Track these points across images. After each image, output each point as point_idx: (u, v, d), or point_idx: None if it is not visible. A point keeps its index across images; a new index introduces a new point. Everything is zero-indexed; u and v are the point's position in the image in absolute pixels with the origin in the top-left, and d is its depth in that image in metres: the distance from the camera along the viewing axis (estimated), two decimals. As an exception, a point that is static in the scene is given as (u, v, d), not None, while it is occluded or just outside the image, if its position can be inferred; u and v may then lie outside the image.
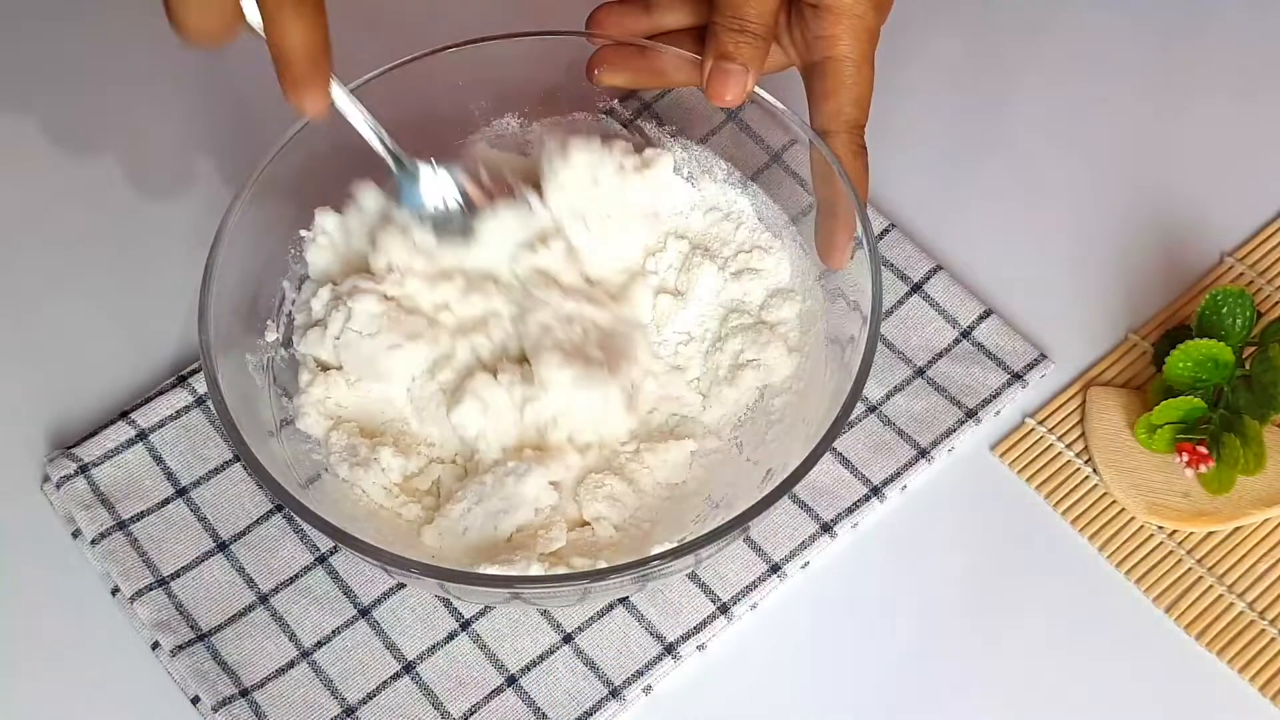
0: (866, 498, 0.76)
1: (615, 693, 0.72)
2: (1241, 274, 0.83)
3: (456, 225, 0.74)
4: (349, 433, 0.73)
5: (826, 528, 0.75)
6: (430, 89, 0.77)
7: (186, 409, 0.78)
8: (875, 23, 0.72)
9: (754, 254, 0.78)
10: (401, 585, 0.74)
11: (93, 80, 0.91)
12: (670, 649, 0.73)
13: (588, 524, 0.72)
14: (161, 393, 0.79)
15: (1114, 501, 0.77)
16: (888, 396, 0.79)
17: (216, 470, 0.77)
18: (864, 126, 0.73)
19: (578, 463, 0.73)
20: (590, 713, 0.71)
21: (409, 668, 0.72)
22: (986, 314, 0.81)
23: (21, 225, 0.87)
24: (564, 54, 0.79)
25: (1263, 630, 0.73)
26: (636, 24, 0.78)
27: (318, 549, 0.75)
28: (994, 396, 0.79)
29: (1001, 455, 0.78)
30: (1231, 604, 0.74)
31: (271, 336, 0.75)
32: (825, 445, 0.67)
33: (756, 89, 0.76)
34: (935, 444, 0.78)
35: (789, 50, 0.75)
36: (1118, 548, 0.75)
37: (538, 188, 0.76)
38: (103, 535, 0.75)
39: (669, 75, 0.77)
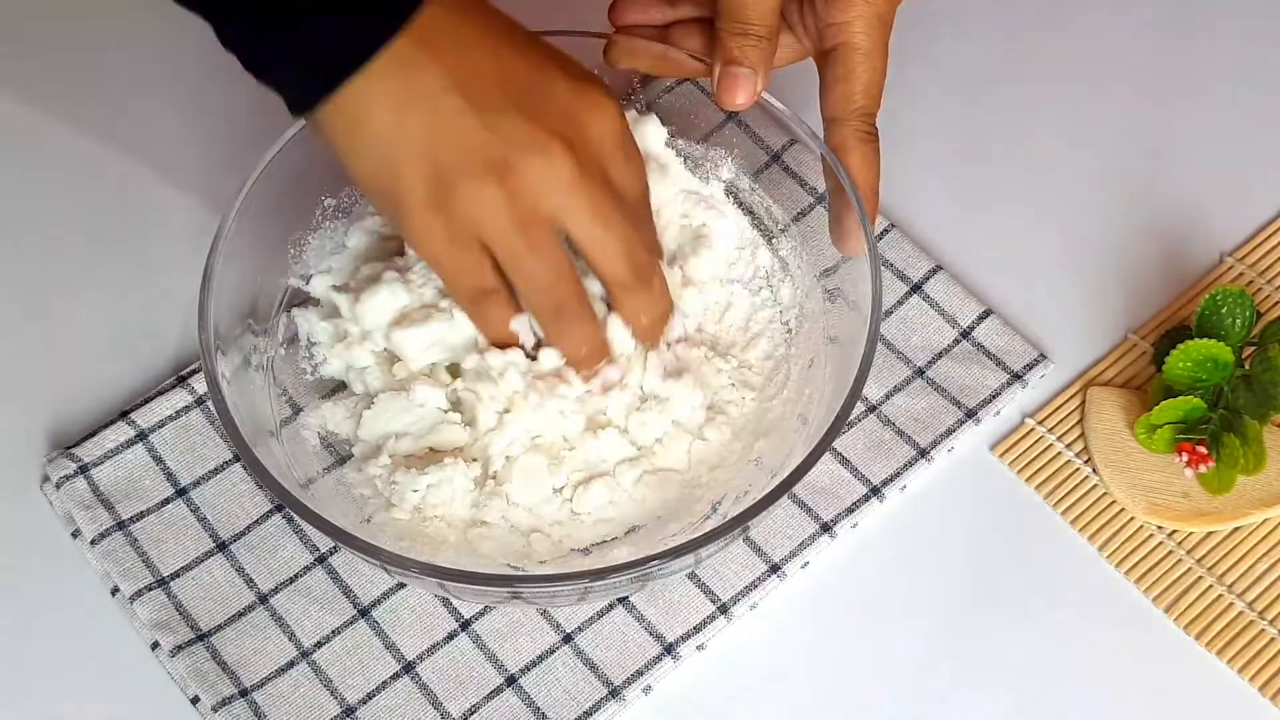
0: (866, 498, 0.76)
1: (615, 693, 0.72)
2: (1241, 274, 0.83)
3: None
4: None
5: (826, 528, 0.75)
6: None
7: (186, 409, 0.78)
8: (887, 10, 0.72)
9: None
10: (401, 585, 0.74)
11: (93, 80, 0.91)
12: (670, 649, 0.73)
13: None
14: (161, 393, 0.79)
15: (1114, 501, 0.77)
16: (888, 396, 0.79)
17: (216, 470, 0.77)
18: (874, 114, 0.73)
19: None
20: (590, 713, 0.71)
21: (409, 668, 0.72)
22: (986, 314, 0.81)
23: (22, 225, 0.87)
24: (568, 53, 0.78)
25: (1263, 630, 0.73)
26: (658, 14, 0.78)
27: (318, 549, 0.75)
28: (994, 396, 0.79)
29: (1001, 455, 0.78)
30: (1231, 604, 0.74)
31: (271, 336, 0.75)
32: (825, 445, 0.67)
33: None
34: (935, 444, 0.78)
35: (803, 39, 0.75)
36: (1118, 548, 0.75)
37: None
38: (103, 535, 0.75)
39: (684, 65, 0.77)
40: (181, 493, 0.77)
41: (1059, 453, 0.78)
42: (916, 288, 0.82)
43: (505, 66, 0.65)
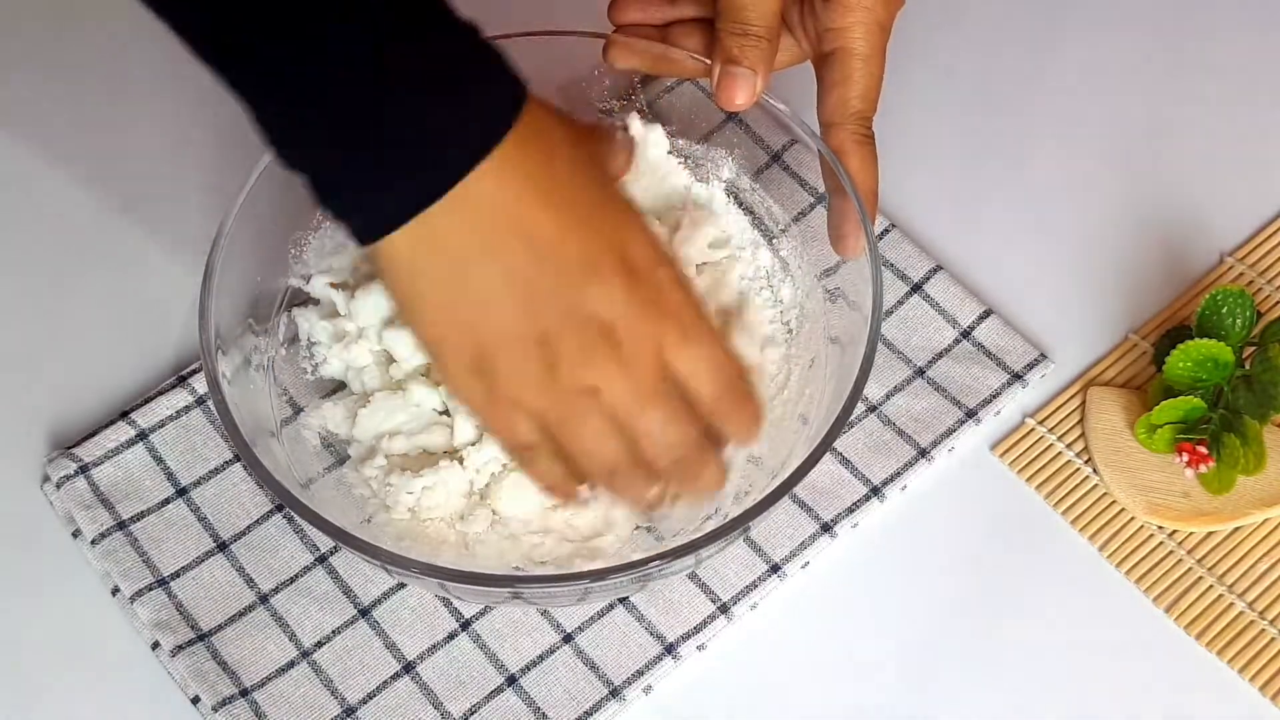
0: (866, 498, 0.76)
1: (615, 693, 0.72)
2: (1241, 274, 0.83)
3: None
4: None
5: (826, 528, 0.75)
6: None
7: (186, 409, 0.78)
8: (886, 16, 0.72)
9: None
10: (401, 585, 0.74)
11: (93, 80, 0.91)
12: (670, 649, 0.73)
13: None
14: (161, 393, 0.79)
15: (1114, 501, 0.77)
16: (888, 396, 0.79)
17: (216, 470, 0.77)
18: (870, 118, 0.73)
19: None
20: (590, 713, 0.71)
21: (409, 668, 0.72)
22: (986, 314, 0.81)
23: (22, 225, 0.87)
24: (567, 54, 0.79)
25: (1263, 630, 0.73)
26: (657, 13, 0.78)
27: (318, 549, 0.75)
28: (994, 396, 0.79)
29: (1001, 455, 0.78)
30: (1231, 604, 0.74)
31: (271, 336, 0.75)
32: (826, 445, 0.67)
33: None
34: (935, 444, 0.78)
35: (801, 42, 0.75)
36: (1118, 548, 0.76)
37: None
38: (103, 535, 0.75)
39: (683, 65, 0.77)
40: (182, 493, 0.77)
41: (1059, 453, 0.78)
42: (917, 288, 0.82)
43: (560, 237, 0.60)
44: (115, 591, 0.74)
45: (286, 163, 0.60)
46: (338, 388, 0.77)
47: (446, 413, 0.74)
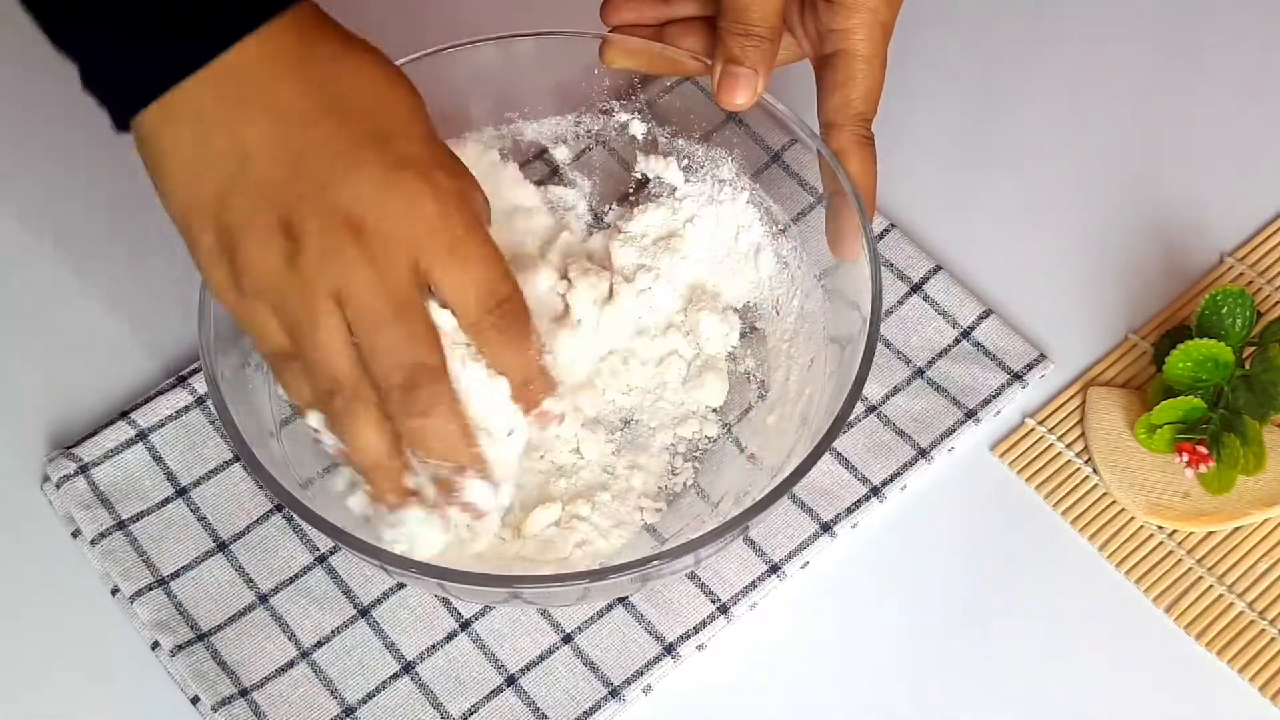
0: (866, 498, 0.76)
1: (615, 693, 0.72)
2: (1241, 274, 0.83)
3: None
4: None
5: (826, 528, 0.75)
6: (430, 88, 0.76)
7: (186, 409, 0.79)
8: (888, 17, 0.72)
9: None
10: (401, 585, 0.74)
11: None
12: (670, 649, 0.73)
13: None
14: (161, 393, 0.79)
15: (1114, 501, 0.77)
16: (888, 396, 0.79)
17: (216, 470, 0.77)
18: (871, 119, 0.73)
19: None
20: (590, 713, 0.71)
21: (409, 668, 0.72)
22: (986, 314, 0.81)
23: (22, 225, 0.87)
24: (566, 55, 0.79)
25: (1263, 630, 0.73)
26: (652, 12, 0.78)
27: (318, 549, 0.75)
28: (994, 396, 0.79)
29: (1001, 455, 0.78)
30: (1231, 604, 0.74)
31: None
32: (825, 445, 0.67)
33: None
34: (935, 444, 0.78)
35: (802, 42, 0.75)
36: (1118, 548, 0.75)
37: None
38: (103, 535, 0.75)
39: (681, 64, 0.77)
40: (181, 492, 0.77)
41: (1059, 453, 0.78)
42: (916, 288, 0.82)
43: (312, 115, 0.58)
44: (115, 591, 0.75)
45: (59, 46, 0.58)
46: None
47: None
